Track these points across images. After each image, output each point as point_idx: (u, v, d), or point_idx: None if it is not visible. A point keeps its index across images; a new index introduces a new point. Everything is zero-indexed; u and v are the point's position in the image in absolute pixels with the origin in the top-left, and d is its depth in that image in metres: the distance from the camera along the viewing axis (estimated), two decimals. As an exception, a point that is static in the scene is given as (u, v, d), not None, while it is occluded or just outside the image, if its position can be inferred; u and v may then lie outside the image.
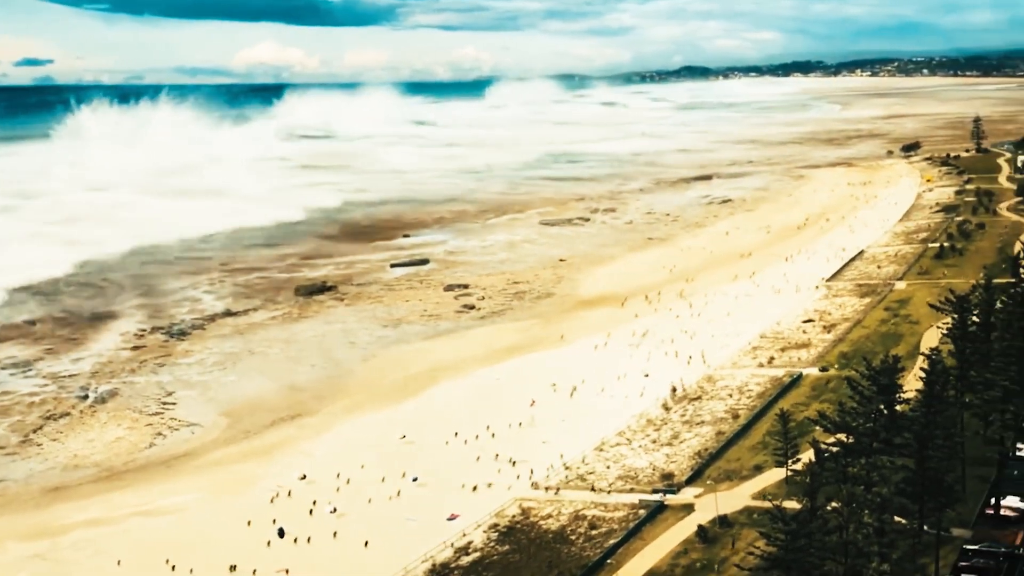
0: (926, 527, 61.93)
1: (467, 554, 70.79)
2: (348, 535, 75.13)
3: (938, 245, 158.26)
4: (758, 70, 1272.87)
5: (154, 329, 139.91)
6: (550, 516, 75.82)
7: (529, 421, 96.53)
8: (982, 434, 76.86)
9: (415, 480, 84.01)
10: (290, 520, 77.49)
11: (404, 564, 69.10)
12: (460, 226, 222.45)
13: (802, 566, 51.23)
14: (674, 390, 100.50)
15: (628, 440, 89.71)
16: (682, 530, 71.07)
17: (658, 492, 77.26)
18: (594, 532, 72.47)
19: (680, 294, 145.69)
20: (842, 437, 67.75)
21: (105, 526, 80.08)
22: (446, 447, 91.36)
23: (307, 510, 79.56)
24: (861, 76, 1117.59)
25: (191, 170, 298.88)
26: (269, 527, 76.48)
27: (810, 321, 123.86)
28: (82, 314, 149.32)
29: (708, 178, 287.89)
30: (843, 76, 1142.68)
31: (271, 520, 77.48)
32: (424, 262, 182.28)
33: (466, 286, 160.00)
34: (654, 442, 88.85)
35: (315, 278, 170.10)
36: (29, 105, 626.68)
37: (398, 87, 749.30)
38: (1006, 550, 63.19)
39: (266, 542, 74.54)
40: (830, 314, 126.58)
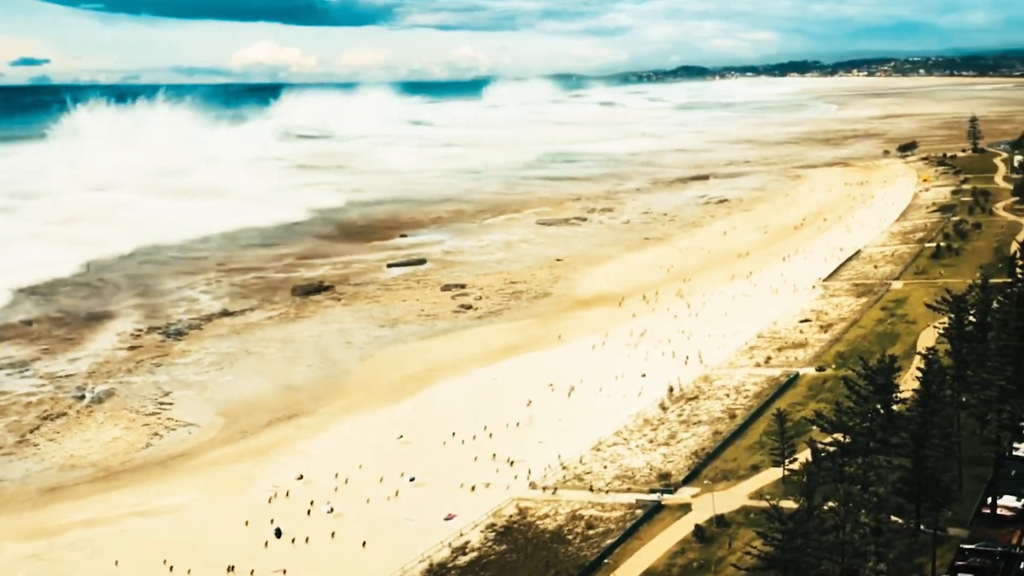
0: (923, 526, 62.08)
1: (464, 554, 70.83)
2: (346, 535, 75.09)
3: (935, 245, 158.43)
4: (755, 70, 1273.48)
5: (151, 329, 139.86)
6: (547, 516, 75.85)
7: (527, 421, 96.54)
8: (978, 434, 76.99)
9: (412, 480, 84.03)
10: (288, 520, 77.48)
11: (401, 564, 69.14)
12: (457, 226, 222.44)
13: (799, 566, 51.35)
14: (671, 390, 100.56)
15: (625, 440, 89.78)
16: (679, 530, 71.14)
17: (655, 492, 77.31)
18: (591, 532, 72.51)
19: (678, 294, 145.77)
20: (839, 437, 67.80)
21: (102, 526, 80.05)
22: (444, 447, 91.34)
23: (305, 510, 79.52)
24: (858, 76, 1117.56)
25: (188, 170, 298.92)
26: (267, 527, 76.48)
27: (807, 321, 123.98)
28: (79, 314, 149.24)
29: (705, 178, 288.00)
30: (840, 76, 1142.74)
31: (269, 520, 77.48)
32: (421, 262, 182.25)
33: (463, 286, 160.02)
34: (651, 442, 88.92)
35: (312, 278, 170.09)
36: (25, 105, 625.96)
37: (395, 87, 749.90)
38: (1002, 549, 63.38)
39: (264, 542, 74.51)
40: (827, 314, 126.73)
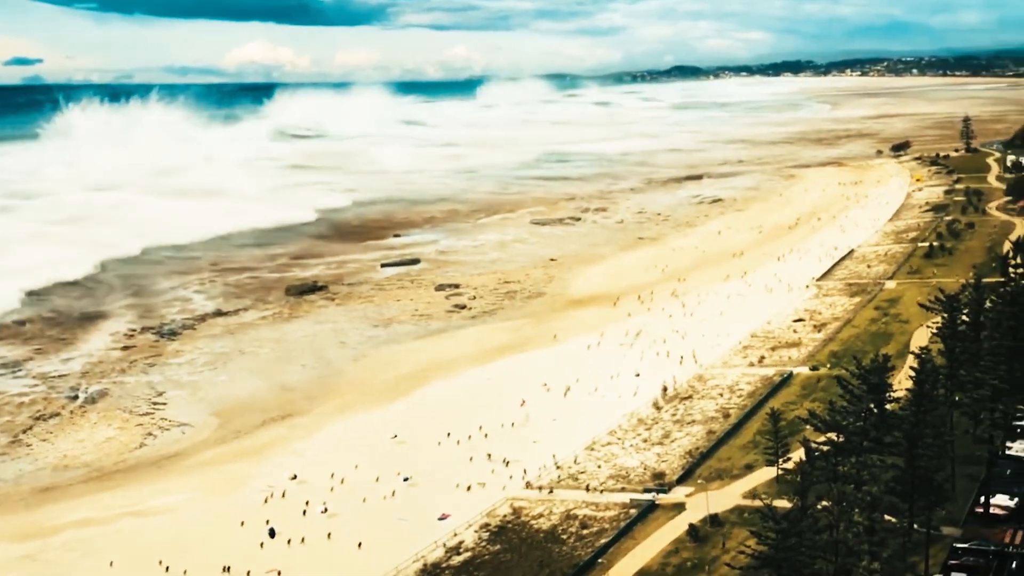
0: (916, 525, 62.18)
1: (458, 554, 70.78)
2: (341, 535, 74.98)
3: (928, 244, 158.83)
4: (749, 70, 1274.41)
5: (144, 329, 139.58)
6: (541, 516, 75.85)
7: (521, 421, 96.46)
8: (972, 433, 77.17)
9: (406, 480, 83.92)
10: (283, 520, 77.34)
11: (396, 564, 69.05)
12: (451, 226, 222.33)
13: (792, 565, 51.38)
14: (665, 389, 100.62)
15: (620, 439, 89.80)
16: (673, 529, 71.16)
17: (649, 491, 77.34)
18: (585, 531, 72.52)
19: (672, 293, 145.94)
20: (832, 436, 67.84)
21: (96, 526, 79.82)
22: (438, 447, 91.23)
23: (299, 510, 79.34)
24: (851, 76, 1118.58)
25: (183, 170, 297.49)
26: (262, 528, 76.32)
27: (801, 320, 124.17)
28: (72, 314, 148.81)
29: (699, 178, 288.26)
30: (833, 76, 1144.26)
31: (264, 521, 77.31)
32: (415, 262, 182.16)
33: (457, 286, 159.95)
34: (645, 441, 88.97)
35: (306, 278, 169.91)
36: (18, 104, 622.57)
37: (389, 87, 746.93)
38: (996, 548, 63.60)
39: (259, 543, 74.32)
40: (820, 313, 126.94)
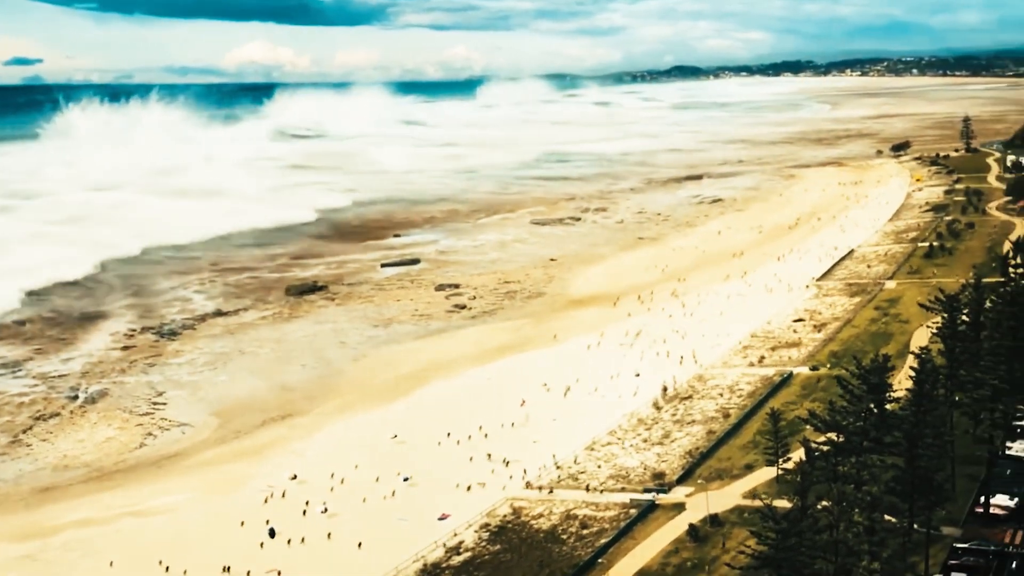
0: (916, 525, 62.17)
1: (458, 554, 70.77)
2: (341, 535, 74.97)
3: (928, 244, 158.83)
4: (748, 70, 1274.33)
5: (144, 329, 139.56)
6: (541, 516, 75.84)
7: (521, 421, 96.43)
8: (972, 433, 77.17)
9: (406, 480, 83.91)
10: (283, 520, 77.33)
11: (396, 564, 69.03)
12: (451, 226, 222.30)
13: (792, 565, 51.37)
14: (665, 389, 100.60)
15: (620, 439, 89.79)
16: (673, 529, 71.16)
17: (649, 491, 77.33)
18: (585, 531, 72.51)
19: (672, 293, 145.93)
20: (832, 436, 67.83)
21: (96, 526, 79.80)
22: (438, 447, 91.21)
23: (299, 510, 79.32)
24: (851, 76, 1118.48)
25: (183, 170, 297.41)
26: (262, 528, 76.30)
27: (801, 320, 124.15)
28: (72, 314, 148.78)
29: (699, 178, 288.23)
30: (833, 76, 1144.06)
31: (264, 521, 77.29)
32: (415, 262, 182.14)
33: (457, 286, 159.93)
34: (645, 441, 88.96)
35: (306, 278, 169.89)
36: (18, 104, 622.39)
37: (389, 87, 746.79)
38: (996, 548, 63.59)
39: (259, 543, 74.30)
40: (820, 313, 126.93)
